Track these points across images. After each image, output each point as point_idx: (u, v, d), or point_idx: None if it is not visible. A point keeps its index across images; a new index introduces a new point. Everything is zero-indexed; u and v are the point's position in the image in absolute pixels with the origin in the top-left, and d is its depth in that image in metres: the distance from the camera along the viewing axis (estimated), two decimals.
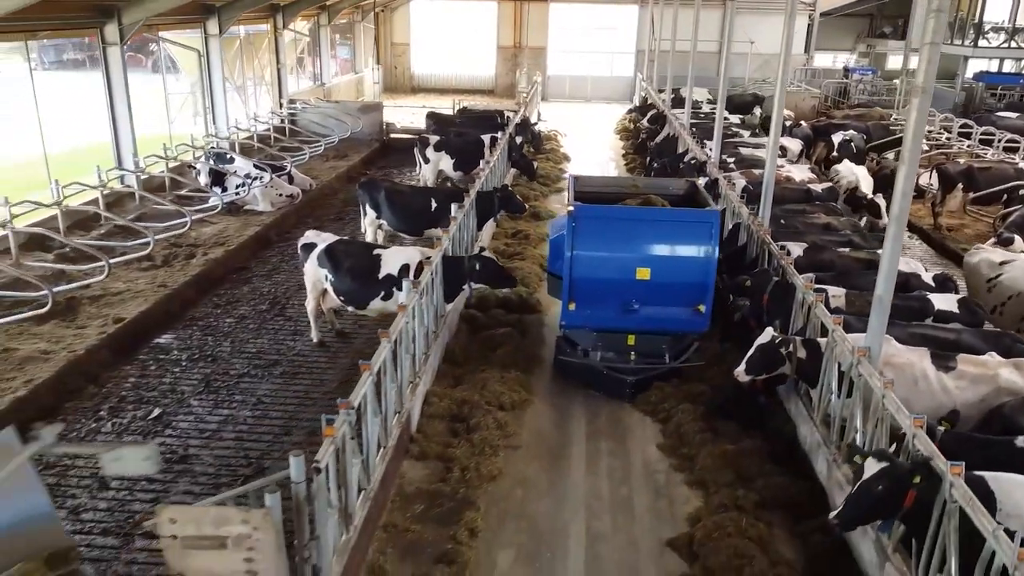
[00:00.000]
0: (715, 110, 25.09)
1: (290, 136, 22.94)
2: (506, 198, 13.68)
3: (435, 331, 9.60)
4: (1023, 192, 16.41)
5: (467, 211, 12.09)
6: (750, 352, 8.13)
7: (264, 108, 24.29)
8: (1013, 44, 33.25)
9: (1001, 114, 28.08)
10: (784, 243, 10.64)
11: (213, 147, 18.50)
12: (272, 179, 16.48)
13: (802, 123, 23.41)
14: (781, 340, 8.08)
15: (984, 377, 7.15)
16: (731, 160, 17.33)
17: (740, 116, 26.29)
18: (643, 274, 9.19)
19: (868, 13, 42.59)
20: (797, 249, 10.65)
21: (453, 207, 11.63)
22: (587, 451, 8.48)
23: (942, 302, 9.01)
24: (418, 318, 8.52)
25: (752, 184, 14.23)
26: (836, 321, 7.66)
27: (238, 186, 16.02)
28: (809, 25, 38.67)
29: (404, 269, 9.72)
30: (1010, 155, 20.43)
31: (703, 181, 13.56)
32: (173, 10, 17.19)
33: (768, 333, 8.14)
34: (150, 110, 17.96)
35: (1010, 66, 38.16)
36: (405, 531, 6.91)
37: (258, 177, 16.18)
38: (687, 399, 9.12)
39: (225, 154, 17.42)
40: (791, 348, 8.02)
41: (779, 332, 8.26)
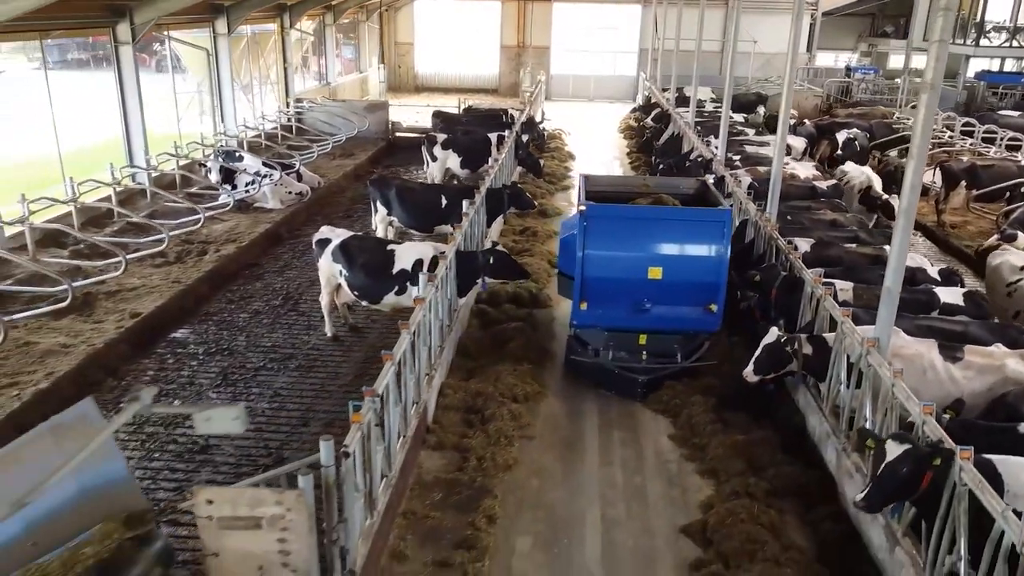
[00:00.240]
0: (718, 109, 25.32)
1: (297, 135, 23.10)
2: (515, 195, 13.82)
3: (449, 325, 9.75)
4: None
5: (478, 207, 12.24)
6: (757, 353, 8.20)
7: (269, 107, 24.42)
8: (1014, 43, 33.39)
9: (1003, 113, 28.21)
10: (791, 239, 10.79)
11: (223, 145, 18.68)
12: (282, 177, 16.64)
13: (806, 121, 23.53)
14: (786, 339, 8.15)
15: (991, 367, 7.30)
16: (736, 158, 17.47)
17: (744, 115, 26.43)
18: (655, 273, 9.18)
19: (870, 13, 42.69)
20: (804, 245, 10.78)
21: (464, 203, 11.77)
22: (600, 442, 8.63)
23: (948, 295, 9.17)
24: (434, 311, 8.67)
25: (757, 181, 14.37)
26: (845, 314, 7.81)
27: (248, 183, 16.17)
28: (811, 24, 38.77)
29: (418, 264, 9.84)
30: (1012, 153, 20.57)
31: (710, 179, 13.68)
32: (183, 9, 17.35)
33: (773, 333, 8.19)
34: (154, 109, 18.04)
35: (1011, 65, 38.31)
36: (425, 518, 7.07)
37: (268, 175, 16.34)
38: (698, 392, 9.23)
39: (234, 152, 17.59)
40: (796, 346, 8.10)
41: (783, 331, 8.29)
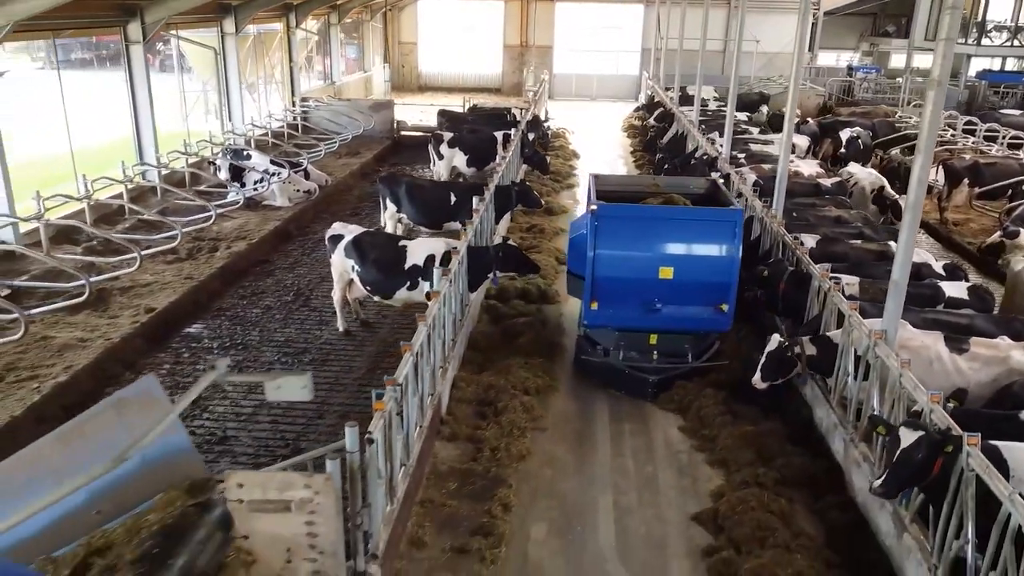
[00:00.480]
0: (721, 108, 25.45)
1: (303, 133, 23.26)
2: (524, 193, 13.97)
3: (461, 319, 9.89)
4: None
5: (487, 203, 12.38)
6: (762, 360, 8.28)
7: (274, 106, 24.57)
8: (1016, 43, 33.50)
9: (1005, 111, 28.33)
10: (797, 235, 10.93)
11: (231, 143, 18.83)
12: (290, 175, 16.80)
13: (809, 120, 23.67)
14: (788, 344, 8.22)
15: (996, 359, 7.44)
16: (741, 156, 17.61)
17: (747, 114, 26.57)
18: (666, 273, 9.11)
19: (871, 12, 42.76)
20: (810, 241, 10.92)
21: (475, 200, 11.91)
22: (611, 433, 8.77)
23: (952, 289, 9.32)
24: (447, 305, 8.81)
25: (762, 178, 14.51)
26: (852, 307, 7.95)
27: (257, 181, 16.32)
28: (813, 24, 38.87)
29: (429, 260, 9.97)
30: (1014, 151, 20.71)
31: (715, 175, 13.79)
32: (192, 9, 17.51)
33: (775, 340, 8.24)
34: (157, 108, 18.17)
35: (1012, 64, 38.42)
36: (441, 506, 7.21)
37: (276, 173, 16.49)
38: (708, 385, 9.34)
39: (243, 151, 17.75)
40: (799, 349, 8.20)
41: (785, 336, 8.33)
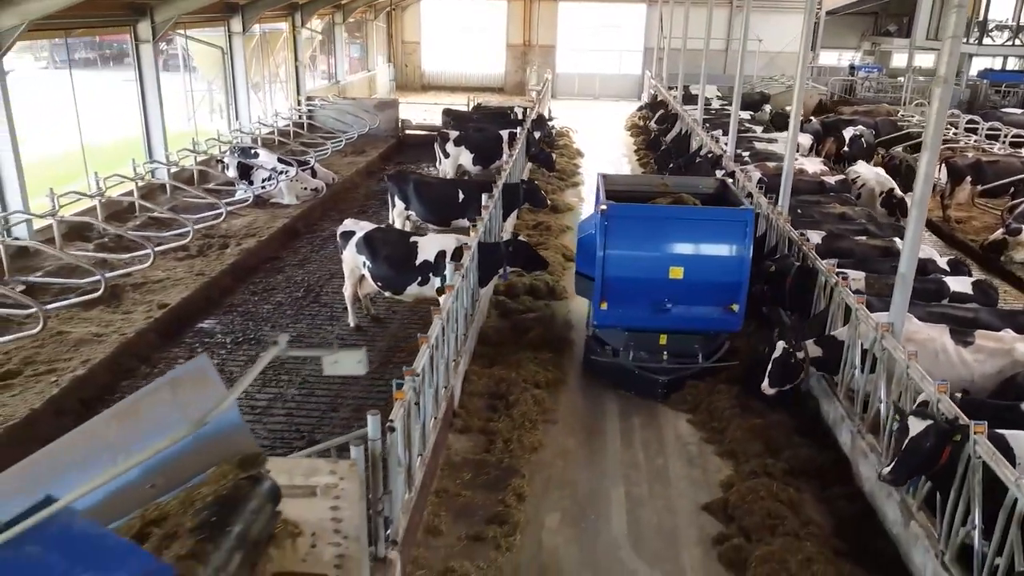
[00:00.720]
0: (724, 107, 25.58)
1: (309, 132, 23.39)
2: (531, 191, 14.07)
3: (472, 314, 10.02)
4: None
5: (496, 201, 12.51)
6: (769, 367, 8.31)
7: (279, 105, 24.71)
8: (1017, 42, 33.60)
9: (1007, 110, 28.45)
10: (803, 231, 11.05)
11: (239, 142, 18.96)
12: (297, 173, 16.93)
13: (812, 119, 23.79)
14: (792, 349, 8.26)
15: (1001, 351, 7.58)
16: (746, 154, 17.73)
17: (750, 113, 26.68)
18: (676, 273, 9.08)
19: (873, 11, 42.86)
20: (816, 237, 11.04)
21: (484, 197, 12.03)
22: (621, 426, 8.91)
23: (957, 284, 9.46)
24: (459, 300, 8.94)
25: (767, 176, 14.63)
26: (859, 301, 8.09)
27: (266, 179, 16.46)
28: (815, 23, 38.98)
29: (440, 256, 10.10)
30: (1016, 150, 20.83)
31: (721, 174, 13.93)
32: (200, 8, 17.66)
33: (780, 347, 8.27)
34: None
35: (1014, 63, 38.52)
36: (456, 496, 7.35)
37: (284, 171, 16.63)
38: (720, 382, 9.42)
39: (250, 149, 17.88)
40: (804, 354, 8.28)
41: (789, 343, 8.30)
